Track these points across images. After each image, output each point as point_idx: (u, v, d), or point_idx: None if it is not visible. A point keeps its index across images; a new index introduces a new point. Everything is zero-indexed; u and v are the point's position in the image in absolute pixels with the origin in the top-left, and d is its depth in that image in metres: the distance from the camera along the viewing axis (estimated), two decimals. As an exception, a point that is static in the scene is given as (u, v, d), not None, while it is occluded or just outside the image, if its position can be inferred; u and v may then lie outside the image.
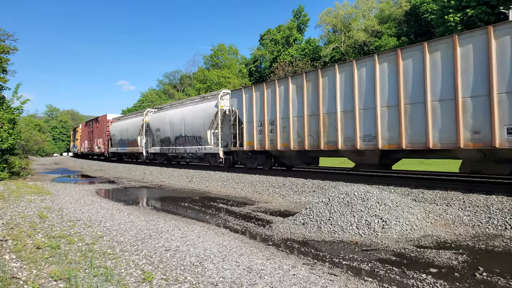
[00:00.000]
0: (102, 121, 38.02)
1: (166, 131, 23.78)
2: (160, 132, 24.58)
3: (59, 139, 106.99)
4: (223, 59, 71.23)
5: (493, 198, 7.91)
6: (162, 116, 24.77)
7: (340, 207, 7.47)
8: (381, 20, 49.15)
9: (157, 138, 25.09)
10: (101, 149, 37.93)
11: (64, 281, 4.23)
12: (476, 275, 4.78)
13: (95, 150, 40.07)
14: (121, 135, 31.39)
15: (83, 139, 47.51)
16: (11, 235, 6.42)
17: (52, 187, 14.98)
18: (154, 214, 9.23)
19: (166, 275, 4.51)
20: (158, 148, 25.12)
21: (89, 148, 42.86)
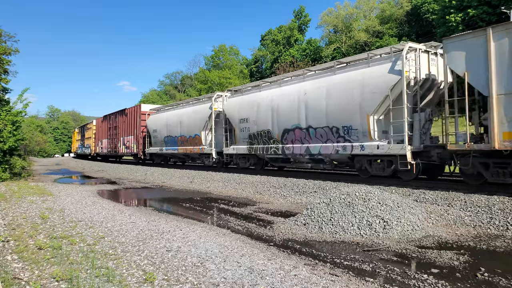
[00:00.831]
0: (132, 114, 29.43)
1: (261, 123, 15.92)
2: (249, 125, 16.64)
3: (60, 140, 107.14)
4: (224, 60, 71.28)
5: (495, 199, 7.90)
6: (249, 100, 16.91)
7: (341, 207, 7.47)
8: (382, 20, 49.11)
9: (242, 133, 17.24)
10: (131, 149, 29.13)
11: (66, 281, 4.24)
12: (477, 276, 4.77)
13: (121, 151, 31.46)
14: (170, 131, 23.20)
15: (100, 137, 38.49)
16: (13, 235, 6.43)
17: (54, 188, 15.01)
18: (156, 215, 9.24)
19: (167, 276, 4.52)
20: (245, 147, 17.09)
21: (111, 148, 34.00)
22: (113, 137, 33.69)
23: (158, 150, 25.19)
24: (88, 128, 44.66)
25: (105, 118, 36.92)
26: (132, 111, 29.61)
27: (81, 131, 50.97)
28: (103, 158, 42.91)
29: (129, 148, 29.71)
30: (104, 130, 36.76)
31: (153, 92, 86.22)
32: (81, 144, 51.02)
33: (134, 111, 29.14)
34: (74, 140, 59.01)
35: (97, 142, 39.95)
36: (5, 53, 17.72)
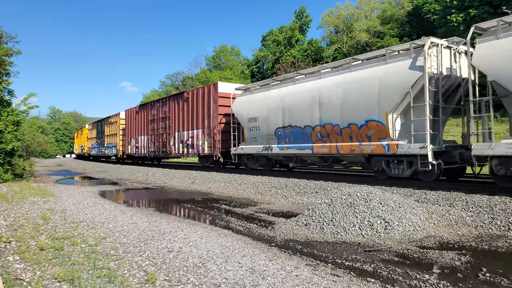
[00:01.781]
0: (199, 97, 20.29)
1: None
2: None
3: (62, 140, 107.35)
4: (225, 60, 71.33)
5: (496, 199, 7.88)
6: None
7: (342, 208, 7.46)
8: (383, 20, 49.09)
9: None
10: (197, 148, 20.20)
11: (67, 282, 4.25)
12: (479, 276, 4.77)
13: (175, 151, 22.54)
14: (291, 117, 14.22)
15: (133, 133, 28.98)
16: (14, 236, 6.45)
17: (55, 189, 15.03)
18: (157, 216, 9.25)
19: (169, 276, 4.53)
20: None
21: (157, 147, 24.86)
22: (158, 133, 24.84)
23: (261, 149, 15.65)
24: (111, 122, 35.32)
25: (142, 108, 27.96)
26: (198, 94, 20.28)
27: (97, 127, 40.65)
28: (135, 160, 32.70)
29: (193, 147, 20.61)
30: (141, 123, 27.60)
31: (154, 93, 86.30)
32: (98, 143, 40.28)
33: (203, 93, 19.87)
34: (83, 138, 49.43)
35: (128, 140, 30.10)
36: (6, 54, 17.75)
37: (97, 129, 40.73)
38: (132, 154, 29.62)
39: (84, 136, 48.84)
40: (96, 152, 41.44)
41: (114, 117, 34.62)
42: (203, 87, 20.43)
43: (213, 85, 19.46)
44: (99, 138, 39.80)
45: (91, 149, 43.80)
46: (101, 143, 38.68)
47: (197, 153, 20.46)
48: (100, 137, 39.30)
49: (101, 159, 44.15)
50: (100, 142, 39.30)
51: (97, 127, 41.11)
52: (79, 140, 55.47)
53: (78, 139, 56.22)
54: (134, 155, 29.45)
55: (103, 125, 38.50)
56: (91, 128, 44.99)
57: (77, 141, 58.10)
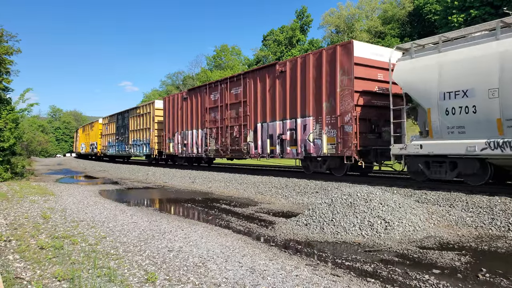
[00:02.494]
0: (314, 66, 13.37)
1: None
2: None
3: (62, 140, 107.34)
4: (226, 60, 71.36)
5: (496, 199, 7.88)
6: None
7: (343, 208, 7.46)
8: (384, 20, 49.07)
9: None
10: (308, 146, 13.44)
11: (67, 281, 4.25)
12: (479, 276, 4.77)
13: (253, 151, 16.24)
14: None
15: (178, 126, 22.37)
16: (14, 235, 6.45)
17: (56, 188, 15.04)
18: (157, 215, 9.25)
19: (169, 276, 4.53)
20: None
21: (222, 145, 18.30)
22: (223, 125, 18.18)
23: (479, 146, 8.60)
24: (140, 114, 28.03)
25: (193, 93, 20.87)
26: (306, 64, 13.61)
27: (117, 120, 33.16)
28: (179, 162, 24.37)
29: (294, 143, 14.14)
30: (192, 113, 20.84)
31: (155, 92, 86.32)
32: (118, 140, 32.68)
33: (317, 63, 13.21)
34: (94, 135, 41.46)
35: (169, 136, 23.06)
36: (7, 53, 17.76)
37: (117, 123, 33.00)
38: (176, 154, 22.43)
39: (96, 132, 40.63)
40: (115, 152, 33.66)
41: (145, 107, 27.36)
42: (317, 52, 13.36)
43: (342, 47, 12.41)
44: (121, 134, 32.00)
45: (107, 147, 35.85)
46: (124, 140, 31.07)
47: (302, 153, 13.73)
48: (123, 133, 31.37)
49: (117, 159, 38.58)
50: (122, 139, 31.53)
51: (116, 121, 33.24)
52: (85, 137, 47.58)
53: (85, 136, 48.24)
54: (180, 156, 22.24)
55: (126, 118, 30.68)
56: (107, 122, 36.66)
57: (82, 138, 50.11)
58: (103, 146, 37.86)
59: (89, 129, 45.95)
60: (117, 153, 33.65)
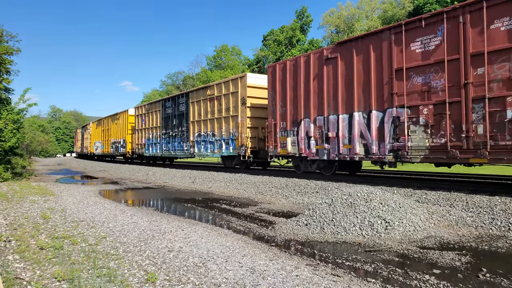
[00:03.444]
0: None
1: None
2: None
3: (62, 139, 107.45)
4: (226, 60, 71.35)
5: (497, 199, 7.88)
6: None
7: (343, 208, 7.46)
8: (384, 20, 49.06)
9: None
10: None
11: (67, 281, 4.25)
12: (479, 276, 4.76)
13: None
14: None
15: (314, 108, 13.11)
16: (14, 235, 6.45)
17: (56, 188, 15.04)
18: (157, 215, 9.24)
19: (169, 276, 4.52)
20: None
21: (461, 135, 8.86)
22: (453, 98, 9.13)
23: None
24: (210, 97, 19.51)
25: (349, 46, 11.93)
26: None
27: (163, 108, 24.61)
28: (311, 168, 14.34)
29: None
30: (346, 84, 12.02)
31: (155, 92, 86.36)
32: (166, 135, 24.25)
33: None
34: (120, 131, 32.79)
35: (288, 126, 14.37)
36: (6, 52, 17.77)
37: (164, 113, 24.34)
38: (303, 154, 13.69)
39: (123, 127, 32.01)
40: (160, 151, 24.71)
41: (225, 85, 18.24)
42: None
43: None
44: (172, 127, 23.26)
45: (145, 146, 27.02)
46: (179, 135, 22.47)
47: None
48: (176, 125, 22.78)
49: (159, 161, 29.45)
50: (176, 134, 22.78)
51: (163, 109, 24.44)
52: (102, 134, 38.74)
53: (101, 132, 39.32)
54: (313, 158, 13.31)
55: (183, 104, 22.12)
56: (145, 112, 27.32)
57: (96, 136, 41.14)
58: (138, 144, 28.37)
59: (109, 123, 36.17)
60: (166, 153, 24.13)
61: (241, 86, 17.11)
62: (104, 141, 38.27)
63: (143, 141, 27.87)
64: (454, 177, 12.92)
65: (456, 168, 10.39)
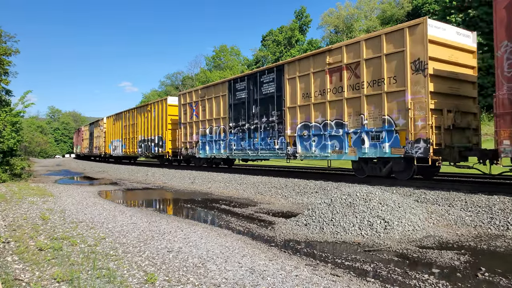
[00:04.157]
0: None
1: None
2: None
3: (61, 140, 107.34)
4: (225, 60, 71.31)
5: (495, 199, 7.89)
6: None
7: (342, 208, 7.46)
8: (383, 20, 49.12)
9: None
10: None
11: (66, 282, 4.24)
12: (478, 275, 4.77)
13: None
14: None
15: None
16: (13, 236, 6.44)
17: (55, 189, 15.02)
18: (157, 216, 9.24)
19: (168, 276, 4.52)
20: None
21: None
22: None
23: None
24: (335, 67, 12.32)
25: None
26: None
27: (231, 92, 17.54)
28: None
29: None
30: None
31: (154, 93, 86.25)
32: (238, 130, 17.14)
33: None
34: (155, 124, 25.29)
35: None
36: (5, 53, 17.75)
37: (231, 98, 17.48)
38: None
39: (158, 121, 24.83)
40: (225, 151, 18.00)
41: (384, 41, 10.92)
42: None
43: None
44: (250, 117, 16.31)
45: (199, 145, 19.96)
46: (267, 127, 15.47)
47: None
48: (256, 114, 15.95)
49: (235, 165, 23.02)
50: (259, 125, 15.88)
51: (229, 94, 17.60)
52: (121, 131, 31.84)
53: (119, 129, 32.51)
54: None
55: (267, 83, 15.48)
56: (197, 100, 20.18)
57: (113, 133, 34.24)
58: (186, 142, 21.20)
59: (134, 117, 28.91)
60: (237, 153, 17.20)
61: (413, 41, 10.29)
62: (126, 139, 30.61)
63: (194, 138, 20.50)
64: (453, 176, 12.93)
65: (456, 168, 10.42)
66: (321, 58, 12.85)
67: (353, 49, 11.78)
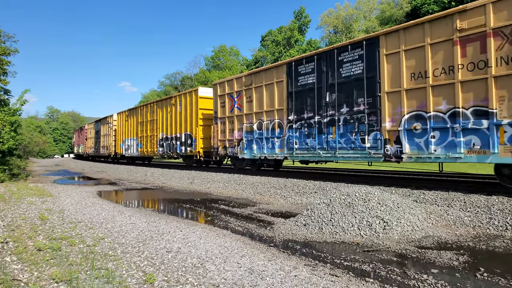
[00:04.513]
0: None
1: None
2: None
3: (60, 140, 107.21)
4: (224, 60, 71.30)
5: (494, 199, 7.90)
6: None
7: (341, 208, 7.46)
8: (382, 21, 49.15)
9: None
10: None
11: (65, 283, 4.23)
12: (477, 276, 4.77)
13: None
14: None
15: None
16: (12, 237, 6.43)
17: (53, 189, 15.00)
18: (156, 216, 9.23)
19: (167, 277, 4.52)
20: None
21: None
22: None
23: None
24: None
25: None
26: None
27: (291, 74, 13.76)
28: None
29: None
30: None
31: (153, 93, 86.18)
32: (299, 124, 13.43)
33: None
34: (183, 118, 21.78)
35: None
36: (4, 53, 17.73)
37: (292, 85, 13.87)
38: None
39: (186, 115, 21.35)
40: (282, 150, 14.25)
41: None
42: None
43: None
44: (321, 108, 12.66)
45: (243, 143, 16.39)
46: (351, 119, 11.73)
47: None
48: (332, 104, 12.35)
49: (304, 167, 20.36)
50: (336, 118, 12.16)
51: (288, 80, 14.02)
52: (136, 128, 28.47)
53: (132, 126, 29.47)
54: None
55: (351, 63, 11.85)
56: (240, 89, 16.73)
57: (126, 131, 30.72)
58: (225, 140, 17.60)
59: (154, 112, 25.55)
60: (300, 152, 13.50)
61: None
62: (143, 137, 27.15)
63: (235, 136, 17.05)
64: (452, 177, 12.95)
65: (455, 168, 10.42)
66: (444, 23, 9.45)
67: (507, 7, 8.35)
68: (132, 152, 29.34)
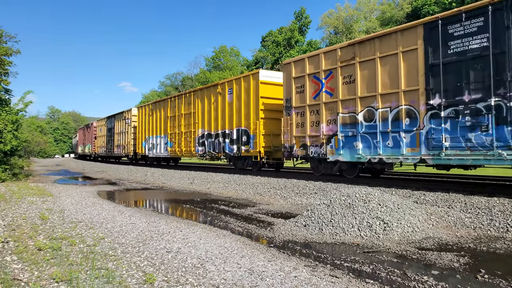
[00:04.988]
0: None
1: None
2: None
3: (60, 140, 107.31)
4: (224, 61, 71.37)
5: (495, 200, 7.89)
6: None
7: (341, 209, 7.46)
8: (382, 22, 49.17)
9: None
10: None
11: (65, 282, 4.23)
12: (478, 277, 4.77)
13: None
14: None
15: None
16: (12, 236, 6.43)
17: (54, 189, 15.00)
18: (156, 216, 9.23)
19: (167, 277, 4.52)
20: None
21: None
22: None
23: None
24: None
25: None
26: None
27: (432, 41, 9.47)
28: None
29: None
30: None
31: (154, 93, 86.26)
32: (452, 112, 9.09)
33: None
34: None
35: None
36: (6, 54, 17.73)
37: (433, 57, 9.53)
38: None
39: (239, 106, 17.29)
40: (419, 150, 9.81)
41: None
42: None
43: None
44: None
45: (335, 142, 12.24)
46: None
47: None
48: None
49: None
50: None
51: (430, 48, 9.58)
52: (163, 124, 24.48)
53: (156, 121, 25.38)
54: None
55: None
56: (328, 68, 12.47)
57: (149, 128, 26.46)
58: (312, 137, 13.21)
59: (189, 104, 21.62)
60: (470, 155, 8.83)
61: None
62: (174, 134, 22.91)
63: (323, 130, 12.81)
64: (453, 178, 12.94)
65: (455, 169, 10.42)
66: None
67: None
68: (158, 152, 25.01)
